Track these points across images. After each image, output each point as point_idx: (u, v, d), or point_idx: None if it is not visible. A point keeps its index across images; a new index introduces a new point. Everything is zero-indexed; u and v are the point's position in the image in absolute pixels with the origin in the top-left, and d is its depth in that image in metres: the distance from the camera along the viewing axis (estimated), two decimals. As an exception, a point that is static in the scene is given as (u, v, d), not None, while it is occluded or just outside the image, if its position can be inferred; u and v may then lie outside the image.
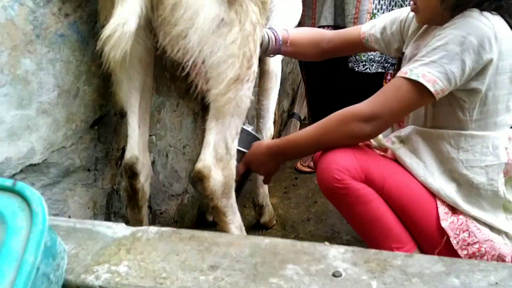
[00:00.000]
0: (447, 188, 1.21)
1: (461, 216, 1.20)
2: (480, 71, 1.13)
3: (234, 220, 1.26)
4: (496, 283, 0.76)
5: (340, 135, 1.24)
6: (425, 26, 1.34)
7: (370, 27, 1.50)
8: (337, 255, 0.84)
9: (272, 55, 1.56)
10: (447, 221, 1.20)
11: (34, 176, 1.06)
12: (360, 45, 1.54)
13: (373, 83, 2.08)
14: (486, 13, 1.12)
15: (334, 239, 1.88)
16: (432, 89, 1.11)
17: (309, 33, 1.60)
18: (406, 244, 1.24)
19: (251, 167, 1.40)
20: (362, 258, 0.83)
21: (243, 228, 1.31)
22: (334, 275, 0.79)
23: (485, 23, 1.10)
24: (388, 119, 1.20)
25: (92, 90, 1.20)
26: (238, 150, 1.29)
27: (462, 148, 1.20)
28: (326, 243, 0.89)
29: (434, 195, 1.22)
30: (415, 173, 1.24)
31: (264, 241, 0.89)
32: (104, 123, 1.26)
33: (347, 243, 1.82)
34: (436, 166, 1.23)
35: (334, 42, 1.56)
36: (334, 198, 1.26)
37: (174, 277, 0.79)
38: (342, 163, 1.20)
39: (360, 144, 1.29)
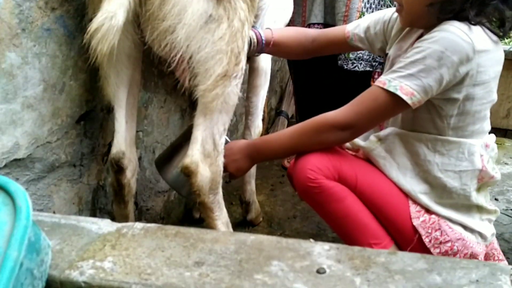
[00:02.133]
0: (419, 189, 1.23)
1: (433, 216, 1.23)
2: (457, 83, 1.14)
3: (221, 216, 1.26)
4: (477, 280, 0.77)
5: (315, 142, 1.27)
6: (408, 28, 1.34)
7: (355, 27, 1.51)
8: (322, 252, 0.85)
9: (256, 54, 1.56)
10: (418, 219, 1.22)
11: (19, 171, 1.05)
12: (345, 44, 1.55)
13: (361, 81, 2.09)
14: (465, 27, 1.12)
15: (319, 236, 1.89)
16: (409, 102, 1.13)
17: (293, 32, 1.61)
18: (383, 240, 1.26)
19: (227, 170, 1.37)
20: (346, 255, 0.84)
21: (230, 224, 1.31)
22: (318, 271, 0.79)
23: (464, 38, 1.10)
24: (363, 128, 1.23)
25: (79, 85, 1.19)
26: None
27: (438, 152, 1.22)
28: (311, 240, 0.89)
29: (406, 194, 1.25)
30: (388, 173, 1.27)
31: (250, 237, 0.90)
32: (90, 118, 1.26)
33: (333, 240, 1.83)
34: (410, 168, 1.25)
35: (319, 41, 1.57)
36: (309, 198, 1.27)
37: (159, 273, 0.79)
38: (314, 163, 1.22)
39: None
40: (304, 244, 0.88)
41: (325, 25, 2.19)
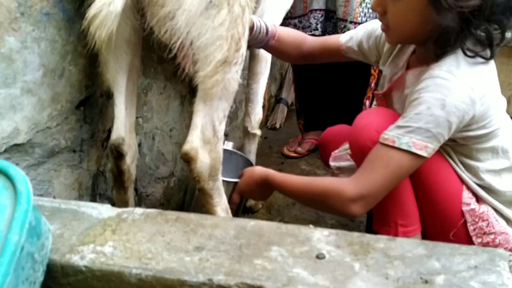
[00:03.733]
0: (474, 180, 1.22)
1: (483, 206, 1.21)
2: (467, 124, 1.13)
3: (221, 202, 1.27)
4: (476, 266, 0.77)
5: (324, 207, 1.28)
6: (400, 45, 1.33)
7: (348, 39, 1.49)
8: (321, 237, 0.85)
9: (257, 45, 1.54)
10: (469, 206, 1.20)
11: (19, 156, 1.05)
12: (338, 55, 1.53)
13: (361, 69, 2.09)
14: (452, 68, 1.11)
15: (319, 223, 1.90)
16: (425, 155, 1.11)
17: (294, 33, 1.60)
18: (412, 225, 1.24)
19: (245, 195, 1.44)
20: (346, 241, 0.84)
21: (229, 211, 1.32)
22: (317, 257, 0.80)
23: (457, 82, 1.09)
24: (378, 197, 1.17)
25: (78, 70, 1.18)
26: (227, 182, 1.31)
27: (475, 159, 1.21)
28: (311, 226, 0.90)
29: (461, 180, 1.23)
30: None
31: (250, 223, 0.90)
32: (90, 104, 1.25)
33: (332, 226, 1.84)
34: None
35: (314, 47, 1.55)
36: (360, 158, 1.22)
37: (159, 258, 0.80)
38: (381, 125, 1.19)
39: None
40: (303, 230, 0.88)
41: (327, 11, 2.19)
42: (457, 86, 1.09)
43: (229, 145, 1.67)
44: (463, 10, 1.05)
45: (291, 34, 1.58)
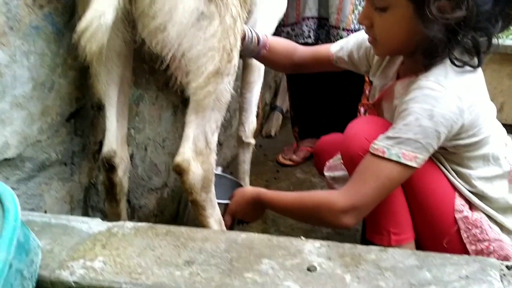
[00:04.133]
0: (467, 187, 1.22)
1: (476, 213, 1.21)
2: (457, 133, 1.13)
3: (214, 213, 1.26)
4: (467, 276, 0.77)
5: (316, 221, 1.28)
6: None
7: (338, 50, 1.50)
8: (312, 249, 0.85)
9: (248, 55, 1.55)
10: (462, 213, 1.20)
11: (9, 170, 1.04)
12: (329, 64, 1.54)
13: (355, 76, 2.09)
14: (440, 77, 1.11)
15: (314, 232, 1.89)
16: (415, 165, 1.11)
17: (285, 43, 1.60)
18: (404, 233, 1.24)
19: (237, 217, 1.43)
20: (337, 252, 0.84)
21: (222, 222, 1.31)
22: (308, 269, 0.79)
23: (445, 92, 1.09)
24: (368, 208, 1.17)
25: (68, 82, 1.18)
26: (218, 203, 1.32)
27: (467, 166, 1.21)
28: (302, 237, 0.89)
29: (454, 187, 1.22)
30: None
31: (240, 236, 0.90)
32: (80, 116, 1.25)
33: (327, 236, 1.83)
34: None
35: (305, 57, 1.56)
36: (352, 166, 1.23)
37: (149, 273, 0.79)
38: (371, 133, 1.19)
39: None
40: (295, 242, 0.88)
41: (319, 18, 2.19)
42: (445, 96, 1.09)
43: (218, 170, 1.67)
44: (448, 22, 1.05)
45: (282, 44, 1.58)
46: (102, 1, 0.96)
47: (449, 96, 1.09)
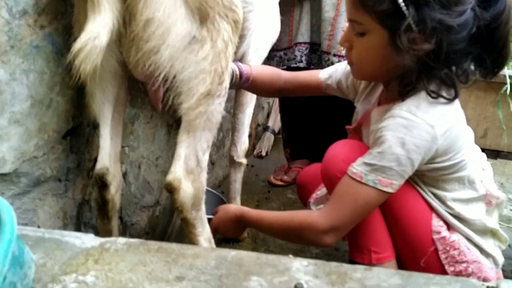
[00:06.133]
0: (443, 208, 1.25)
1: (454, 234, 1.24)
2: (431, 158, 1.17)
3: (204, 232, 1.28)
4: (448, 296, 0.79)
5: (299, 240, 1.36)
6: (373, 83, 1.39)
7: (327, 77, 1.54)
8: (300, 267, 0.87)
9: (231, 88, 1.59)
10: (439, 234, 1.24)
11: (4, 185, 1.06)
12: (318, 91, 1.59)
13: (345, 100, 2.13)
14: (412, 107, 1.15)
15: (303, 252, 1.91)
16: (390, 191, 1.16)
17: (269, 71, 1.64)
18: (385, 252, 1.28)
19: (218, 232, 1.48)
20: (324, 270, 0.86)
21: (212, 240, 1.33)
22: (296, 287, 0.81)
23: (417, 121, 1.13)
24: (347, 228, 1.23)
25: (66, 100, 1.21)
26: None
27: (442, 188, 1.25)
28: (290, 256, 0.92)
29: (430, 207, 1.26)
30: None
31: (230, 253, 0.92)
32: (76, 133, 1.27)
33: (316, 256, 1.85)
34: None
35: (291, 83, 1.61)
36: (331, 187, 1.28)
37: (140, 288, 0.81)
38: (348, 155, 1.25)
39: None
40: (283, 260, 0.90)
41: (311, 44, 2.24)
42: (416, 125, 1.13)
43: None
44: (418, 53, 1.09)
45: (266, 73, 1.62)
46: (97, 23, 0.99)
47: (421, 125, 1.13)
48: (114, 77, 1.20)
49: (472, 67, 1.17)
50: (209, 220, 1.45)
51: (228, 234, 1.50)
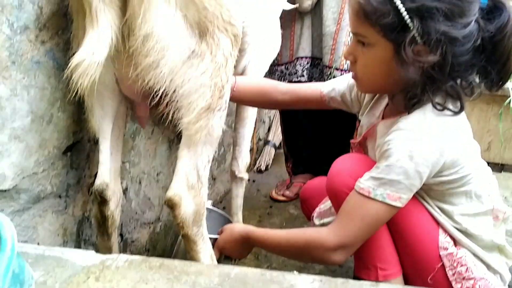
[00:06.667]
0: (451, 223, 1.23)
1: (461, 250, 1.22)
2: (439, 170, 1.16)
3: (205, 248, 1.26)
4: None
5: (306, 258, 1.34)
6: (377, 96, 1.38)
7: (330, 90, 1.52)
8: (305, 284, 0.86)
9: None
10: (446, 250, 1.21)
11: (4, 202, 1.05)
12: (320, 104, 1.56)
13: (347, 113, 2.13)
14: (418, 120, 1.14)
15: (306, 269, 1.88)
16: (399, 205, 1.15)
17: (260, 82, 1.63)
18: (392, 268, 1.26)
19: (224, 253, 1.45)
20: (329, 287, 0.85)
21: (214, 257, 1.31)
22: (301, 304, 0.80)
23: (425, 133, 1.13)
24: (356, 245, 1.21)
25: (66, 116, 1.20)
26: None
27: (450, 203, 1.23)
28: (295, 272, 0.90)
29: (437, 222, 1.24)
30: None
31: (234, 270, 0.90)
32: (77, 149, 1.26)
33: (320, 273, 1.83)
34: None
35: (290, 95, 1.58)
36: (337, 203, 1.27)
37: (142, 306, 0.79)
38: (355, 169, 1.23)
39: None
40: (288, 276, 0.88)
41: (313, 58, 2.25)
42: (423, 138, 1.12)
43: (208, 203, 1.68)
44: (423, 65, 1.09)
45: (255, 84, 1.60)
46: (95, 38, 0.99)
47: (428, 137, 1.12)
48: (113, 92, 1.19)
49: (477, 79, 1.17)
50: (214, 240, 1.43)
51: (234, 255, 1.47)
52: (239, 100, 1.63)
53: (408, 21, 1.06)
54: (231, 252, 1.44)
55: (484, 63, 1.13)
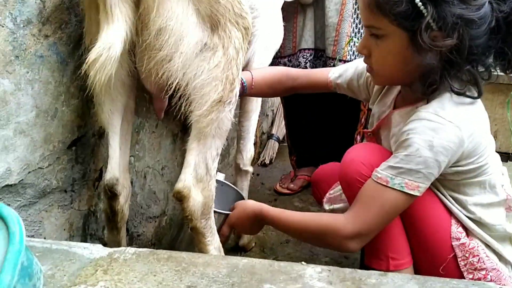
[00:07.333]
0: (464, 212, 1.23)
1: (473, 241, 1.22)
2: (457, 160, 1.15)
3: (213, 241, 1.26)
4: (467, 300, 0.78)
5: (320, 243, 1.33)
6: None
7: (337, 76, 1.53)
8: (314, 274, 0.86)
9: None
10: (458, 240, 1.21)
11: (10, 196, 1.05)
12: (326, 89, 1.57)
13: (350, 105, 2.13)
14: (437, 108, 1.13)
15: (313, 260, 1.89)
16: (417, 194, 1.14)
17: (273, 73, 1.63)
18: (403, 258, 1.25)
19: (236, 228, 1.45)
20: (338, 277, 0.84)
21: (222, 249, 1.31)
22: (310, 294, 0.80)
23: (443, 122, 1.12)
24: (373, 234, 1.20)
25: (71, 110, 1.20)
26: (218, 213, 1.32)
27: (463, 193, 1.23)
28: (303, 262, 0.90)
29: (450, 212, 1.24)
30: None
31: (242, 261, 0.90)
32: (82, 144, 1.26)
33: (326, 264, 1.82)
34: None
35: (300, 81, 1.59)
36: (350, 191, 1.27)
37: (151, 298, 0.79)
38: (368, 158, 1.23)
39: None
40: (296, 267, 0.88)
41: (316, 50, 2.24)
42: (444, 127, 1.11)
43: (220, 176, 1.68)
44: (441, 50, 1.08)
45: (270, 74, 1.61)
46: (111, 33, 0.99)
47: (448, 126, 1.11)
48: (123, 87, 1.20)
49: (492, 62, 1.16)
50: (226, 216, 1.42)
51: (244, 231, 1.46)
52: (255, 95, 1.63)
53: (422, 8, 1.06)
54: (242, 229, 1.44)
55: (500, 44, 1.12)
